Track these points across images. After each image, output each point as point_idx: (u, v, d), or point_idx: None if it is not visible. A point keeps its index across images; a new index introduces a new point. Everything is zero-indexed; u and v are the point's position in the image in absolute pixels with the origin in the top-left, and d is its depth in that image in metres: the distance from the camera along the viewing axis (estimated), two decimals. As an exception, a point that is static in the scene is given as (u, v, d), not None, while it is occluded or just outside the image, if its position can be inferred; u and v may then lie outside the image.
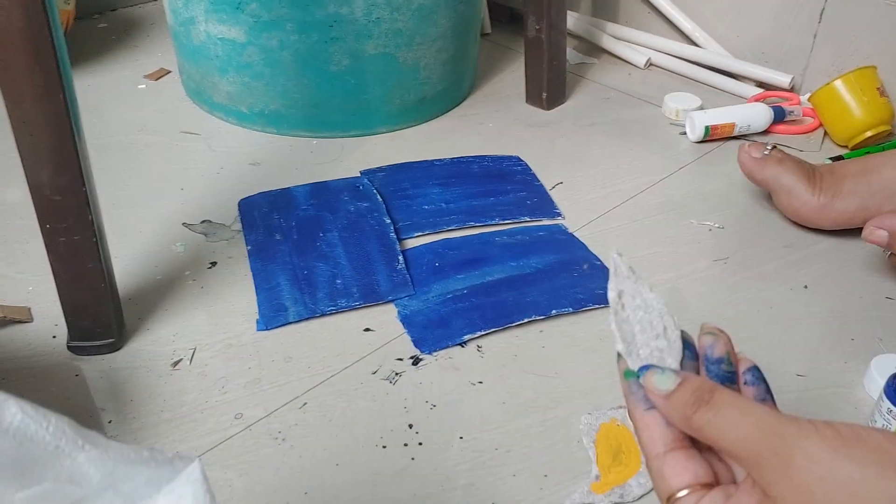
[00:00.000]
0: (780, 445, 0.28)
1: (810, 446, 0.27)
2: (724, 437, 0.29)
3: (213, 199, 0.75)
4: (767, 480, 0.28)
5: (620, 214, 0.75)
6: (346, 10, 0.79)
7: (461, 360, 0.57)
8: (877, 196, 0.67)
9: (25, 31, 0.45)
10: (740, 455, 0.29)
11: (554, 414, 0.53)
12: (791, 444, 0.28)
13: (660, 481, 0.31)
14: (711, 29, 1.03)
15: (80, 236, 0.52)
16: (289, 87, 0.84)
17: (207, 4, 0.81)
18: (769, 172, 0.71)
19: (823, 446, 0.27)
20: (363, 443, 0.50)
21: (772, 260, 0.69)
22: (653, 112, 0.94)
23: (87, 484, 0.25)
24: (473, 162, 0.82)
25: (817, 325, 0.61)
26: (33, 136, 0.48)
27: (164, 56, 1.05)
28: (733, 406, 0.30)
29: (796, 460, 0.27)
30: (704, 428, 0.30)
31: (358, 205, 0.73)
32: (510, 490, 0.48)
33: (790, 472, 0.27)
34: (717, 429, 0.30)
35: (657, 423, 0.32)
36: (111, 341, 0.56)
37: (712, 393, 0.31)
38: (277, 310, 0.61)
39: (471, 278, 0.64)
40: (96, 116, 0.89)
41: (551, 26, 0.89)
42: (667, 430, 0.32)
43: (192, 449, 0.50)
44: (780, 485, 0.27)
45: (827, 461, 0.27)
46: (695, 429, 0.30)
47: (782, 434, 0.28)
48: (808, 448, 0.27)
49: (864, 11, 0.88)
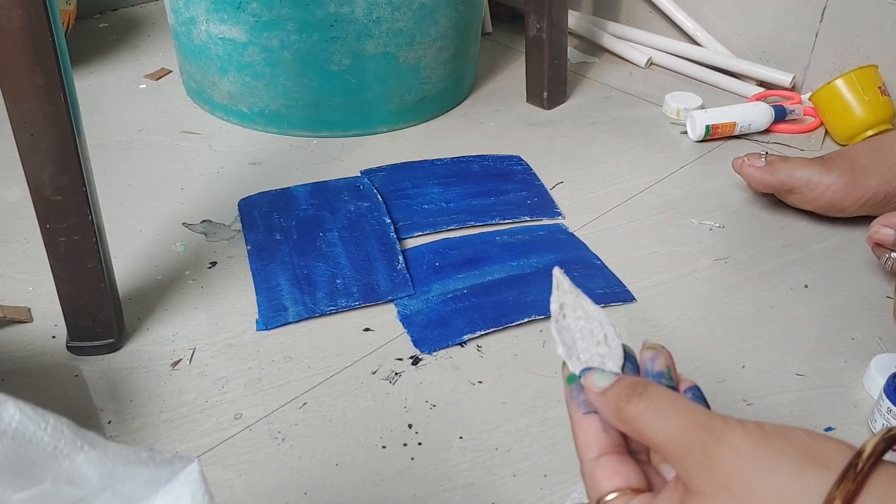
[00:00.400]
0: (706, 437, 0.28)
1: (734, 439, 0.28)
2: (653, 428, 0.30)
3: (214, 199, 0.75)
4: (690, 473, 0.28)
5: (621, 214, 0.75)
6: (346, 10, 0.79)
7: (461, 359, 0.57)
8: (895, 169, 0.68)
9: (26, 30, 0.45)
10: (668, 448, 0.29)
11: (554, 413, 0.53)
12: (716, 437, 0.28)
13: (591, 484, 0.31)
14: (712, 28, 1.03)
15: (80, 236, 0.52)
16: (289, 86, 0.84)
17: (208, 4, 0.81)
18: (781, 173, 0.70)
19: (746, 439, 0.28)
20: (363, 443, 0.50)
21: (772, 259, 0.68)
22: (654, 111, 0.94)
23: (85, 485, 0.25)
24: (474, 161, 0.82)
25: (817, 324, 0.61)
26: (34, 136, 0.48)
27: (164, 56, 1.05)
28: (665, 399, 0.30)
29: (720, 452, 0.28)
30: (635, 419, 0.30)
31: (358, 204, 0.73)
32: (510, 490, 0.48)
33: (712, 463, 0.27)
34: (647, 420, 0.30)
35: (594, 427, 0.32)
36: (111, 341, 0.56)
37: (646, 386, 0.31)
38: (277, 310, 0.61)
39: (471, 278, 0.64)
40: (97, 116, 0.89)
41: (552, 25, 0.89)
42: (603, 434, 0.32)
43: (191, 449, 0.50)
44: (701, 477, 0.28)
45: (748, 452, 0.27)
46: (626, 419, 0.31)
47: (709, 427, 0.28)
48: (731, 440, 0.28)
49: (866, 10, 0.88)
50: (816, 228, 0.72)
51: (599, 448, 0.32)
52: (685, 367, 0.57)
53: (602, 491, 0.31)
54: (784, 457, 0.27)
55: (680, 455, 0.29)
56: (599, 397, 0.32)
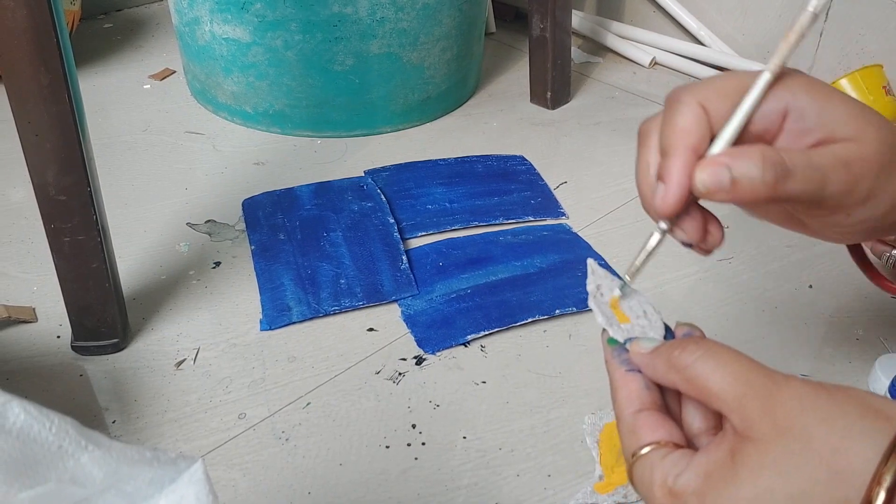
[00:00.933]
0: (767, 383, 0.27)
1: (796, 386, 0.27)
2: (709, 375, 0.29)
3: (218, 199, 0.75)
4: (749, 419, 0.27)
5: (625, 214, 0.74)
6: (350, 10, 0.79)
7: (465, 359, 0.57)
8: None
9: (31, 31, 0.45)
10: (725, 395, 0.28)
11: (557, 414, 0.53)
12: (777, 384, 0.27)
13: (630, 435, 0.30)
14: (716, 27, 1.02)
15: (85, 236, 0.52)
16: (293, 86, 0.84)
17: (212, 4, 0.81)
18: None
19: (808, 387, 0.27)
20: (367, 443, 0.50)
21: (776, 259, 0.68)
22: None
23: (89, 484, 0.25)
24: (478, 161, 0.82)
25: (822, 324, 0.61)
26: (38, 136, 0.48)
27: (168, 56, 1.05)
28: (722, 347, 0.29)
29: (782, 396, 0.27)
30: (690, 367, 0.29)
31: (362, 204, 0.73)
32: (514, 490, 0.48)
33: (773, 408, 0.27)
34: (703, 367, 0.29)
35: (637, 383, 0.32)
36: (115, 341, 0.56)
37: (700, 339, 0.30)
38: (281, 310, 0.61)
39: (474, 278, 0.64)
40: (101, 116, 0.89)
41: (556, 25, 0.89)
42: (645, 391, 0.31)
43: (195, 449, 0.50)
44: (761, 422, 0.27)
45: (811, 398, 0.27)
46: (680, 367, 0.30)
47: (769, 375, 0.28)
48: (794, 387, 0.27)
49: (870, 10, 0.88)
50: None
51: (641, 402, 0.31)
52: (689, 368, 0.57)
53: (643, 441, 0.30)
54: (847, 405, 0.26)
55: (738, 402, 0.28)
56: (648, 355, 0.31)
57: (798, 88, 0.32)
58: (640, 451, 0.30)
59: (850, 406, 0.26)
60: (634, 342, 0.33)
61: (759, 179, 0.30)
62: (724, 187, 0.31)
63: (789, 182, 0.31)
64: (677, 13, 1.04)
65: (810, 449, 0.25)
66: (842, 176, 0.31)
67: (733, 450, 0.27)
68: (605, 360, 0.34)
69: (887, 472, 0.24)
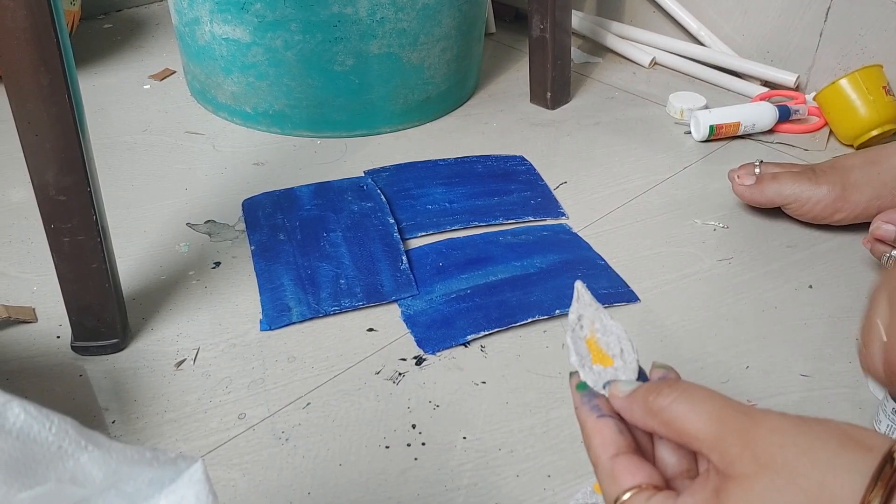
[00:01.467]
0: (744, 420, 0.28)
1: (774, 420, 0.27)
2: (686, 417, 0.29)
3: (217, 199, 0.75)
4: (729, 457, 0.27)
5: (625, 214, 0.75)
6: (350, 10, 0.79)
7: (464, 360, 0.57)
8: (889, 185, 0.67)
9: (31, 31, 0.45)
10: (703, 436, 0.28)
11: (557, 414, 0.53)
12: (755, 420, 0.28)
13: (610, 482, 0.30)
14: (716, 28, 1.02)
15: (85, 236, 0.52)
16: (293, 87, 0.84)
17: (212, 5, 0.81)
18: (770, 192, 0.70)
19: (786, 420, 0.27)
20: (366, 443, 0.51)
21: (776, 260, 0.68)
22: (657, 111, 0.94)
23: (89, 484, 0.25)
24: (477, 161, 0.82)
25: (822, 325, 0.61)
26: (38, 137, 0.48)
27: (168, 56, 1.05)
28: (697, 389, 0.30)
29: (760, 431, 0.27)
30: (666, 409, 0.29)
31: (362, 205, 0.73)
32: (514, 490, 0.48)
33: (752, 443, 0.27)
34: (679, 410, 0.29)
35: (609, 429, 0.32)
36: (115, 341, 0.57)
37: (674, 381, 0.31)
38: (281, 310, 0.61)
39: (474, 278, 0.64)
40: (101, 116, 0.89)
41: (556, 25, 0.89)
42: (619, 436, 0.32)
43: (195, 449, 0.50)
44: (741, 459, 0.27)
45: (790, 432, 0.27)
46: (656, 411, 0.30)
47: (746, 412, 0.28)
48: (771, 422, 0.27)
49: (870, 10, 0.88)
50: (820, 229, 0.72)
51: (617, 447, 0.31)
52: (689, 368, 0.57)
53: (623, 487, 0.30)
54: (826, 437, 0.26)
55: (716, 441, 0.28)
56: (626, 399, 0.32)
57: None
58: (623, 496, 0.30)
59: (829, 438, 0.26)
60: (613, 385, 0.33)
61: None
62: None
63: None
64: (677, 13, 1.04)
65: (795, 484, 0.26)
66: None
67: (717, 489, 0.27)
68: (575, 406, 0.34)
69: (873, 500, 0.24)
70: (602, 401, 0.33)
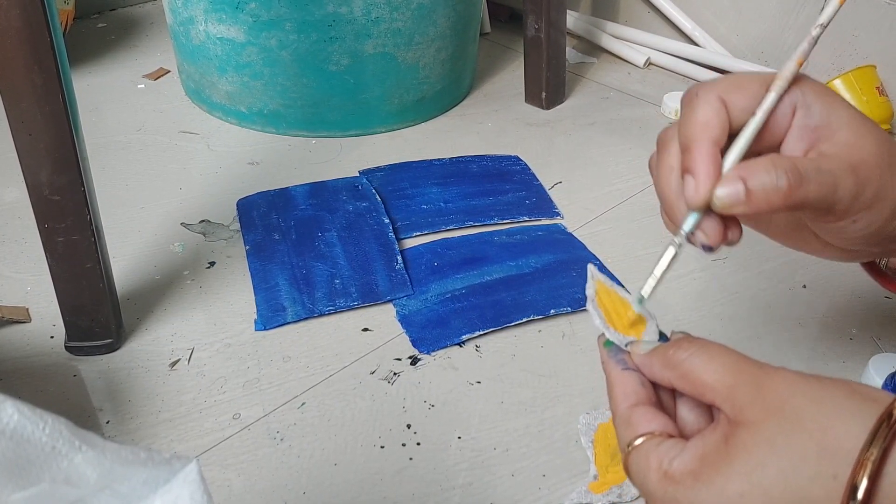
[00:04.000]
0: (757, 371, 0.29)
1: (786, 373, 0.29)
2: (702, 369, 0.30)
3: (212, 199, 0.75)
4: (740, 405, 0.28)
5: (619, 214, 0.75)
6: (345, 10, 0.79)
7: (459, 359, 0.57)
8: None
9: (24, 30, 0.45)
10: (717, 386, 0.29)
11: (552, 413, 0.53)
12: (767, 372, 0.29)
13: (625, 427, 0.31)
14: (711, 28, 1.03)
15: (79, 236, 0.52)
16: (288, 86, 0.84)
17: (207, 4, 0.81)
18: None
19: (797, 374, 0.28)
20: (361, 443, 0.50)
21: (770, 259, 0.69)
22: (652, 111, 0.94)
23: (83, 485, 0.25)
24: (472, 161, 0.82)
25: (816, 324, 0.61)
26: (32, 136, 0.48)
27: (163, 56, 1.05)
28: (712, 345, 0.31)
29: (772, 381, 0.28)
30: (684, 362, 0.30)
31: (356, 204, 0.73)
32: (508, 490, 0.48)
33: (763, 391, 0.28)
34: (696, 362, 0.30)
35: (632, 380, 0.33)
36: (109, 341, 0.56)
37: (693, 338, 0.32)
38: (276, 310, 0.61)
39: (469, 278, 0.64)
40: (95, 116, 0.89)
41: (551, 25, 0.89)
42: (641, 387, 0.32)
43: (190, 449, 0.50)
44: (751, 406, 0.28)
45: (800, 383, 0.28)
46: (674, 364, 0.31)
47: (760, 365, 0.29)
48: (783, 373, 0.28)
49: (864, 11, 0.88)
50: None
51: (637, 398, 0.32)
52: (683, 367, 0.57)
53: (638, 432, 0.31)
54: (834, 389, 0.27)
55: (729, 391, 0.29)
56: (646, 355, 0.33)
57: (806, 87, 0.34)
58: (636, 441, 0.31)
59: (837, 389, 0.27)
60: (633, 344, 0.34)
61: (773, 187, 0.31)
62: (740, 199, 0.32)
63: (803, 187, 0.31)
64: (672, 14, 1.04)
65: (801, 427, 0.27)
66: (850, 180, 0.33)
67: (726, 434, 0.28)
68: (602, 360, 0.35)
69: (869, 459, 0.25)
70: (627, 356, 0.34)
